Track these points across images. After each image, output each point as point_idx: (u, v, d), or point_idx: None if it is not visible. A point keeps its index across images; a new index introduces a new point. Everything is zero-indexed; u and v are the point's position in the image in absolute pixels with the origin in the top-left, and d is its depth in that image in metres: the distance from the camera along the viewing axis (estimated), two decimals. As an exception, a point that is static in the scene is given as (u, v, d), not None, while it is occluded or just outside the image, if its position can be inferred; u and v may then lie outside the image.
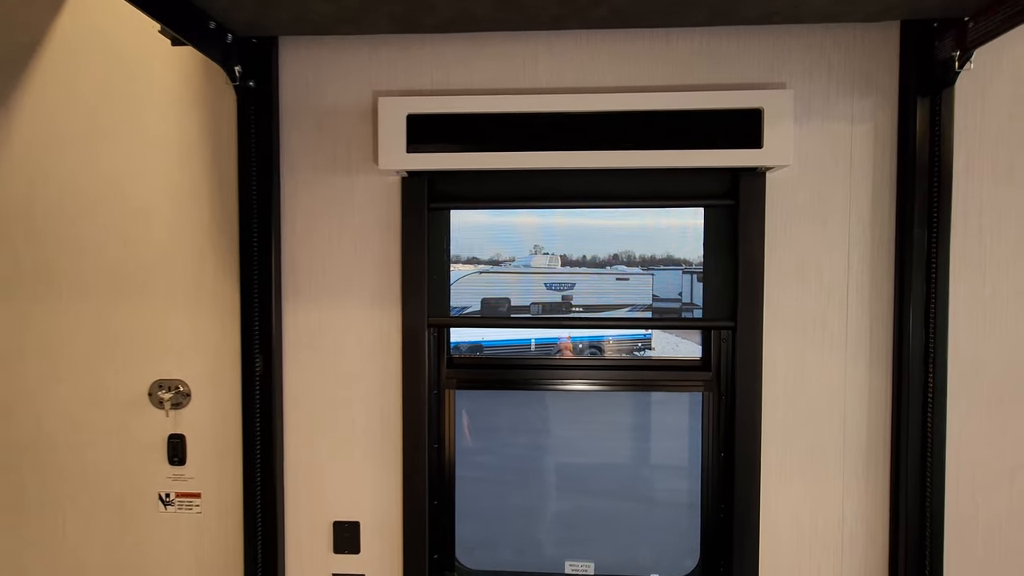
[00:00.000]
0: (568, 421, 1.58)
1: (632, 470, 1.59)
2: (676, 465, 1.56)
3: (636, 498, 1.57)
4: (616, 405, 1.59)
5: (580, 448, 1.59)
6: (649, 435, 1.59)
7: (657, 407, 1.59)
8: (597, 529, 1.54)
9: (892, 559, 1.33)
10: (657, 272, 1.48)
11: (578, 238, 1.53)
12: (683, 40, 1.32)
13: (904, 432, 1.31)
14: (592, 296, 1.53)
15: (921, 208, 1.28)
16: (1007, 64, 1.29)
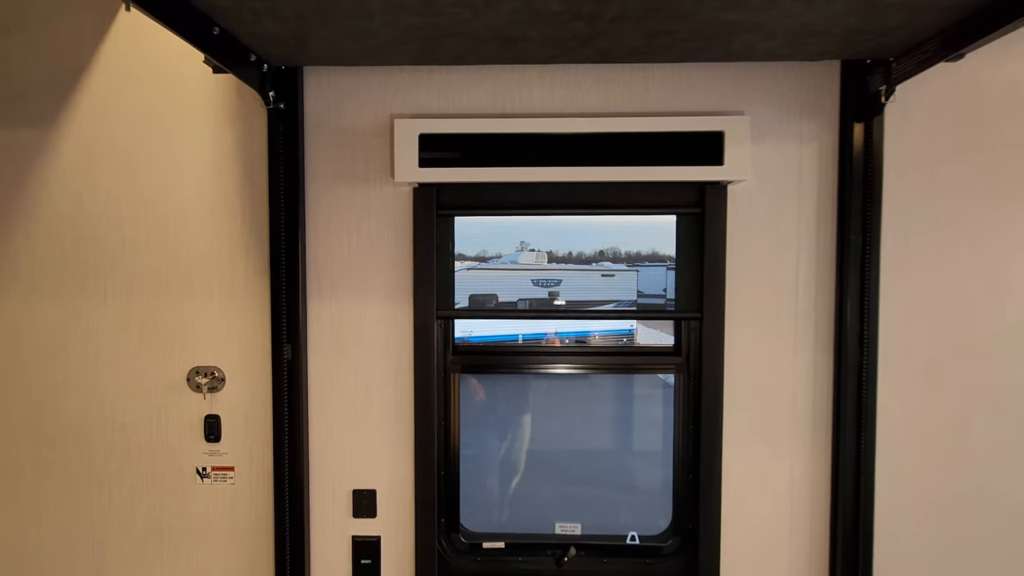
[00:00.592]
0: (560, 408, 1.80)
1: (615, 448, 1.82)
2: (653, 442, 1.78)
3: (618, 471, 1.80)
4: (601, 395, 1.82)
5: (570, 430, 1.81)
6: (630, 419, 1.81)
7: (638, 397, 1.81)
8: (584, 496, 1.76)
9: (833, 511, 1.57)
10: (642, 268, 1.69)
11: (564, 235, 1.74)
12: (657, 72, 1.54)
13: (843, 405, 1.55)
14: (578, 292, 1.74)
15: (857, 215, 1.52)
16: (928, 96, 1.52)
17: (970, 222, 1.54)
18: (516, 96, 1.56)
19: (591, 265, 1.75)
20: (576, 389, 1.81)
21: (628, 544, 1.69)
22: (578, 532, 1.72)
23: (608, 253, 1.70)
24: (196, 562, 1.66)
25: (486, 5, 1.09)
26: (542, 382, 1.78)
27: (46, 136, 1.62)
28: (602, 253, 1.71)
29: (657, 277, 1.70)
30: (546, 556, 1.68)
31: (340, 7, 1.12)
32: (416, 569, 1.63)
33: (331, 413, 1.64)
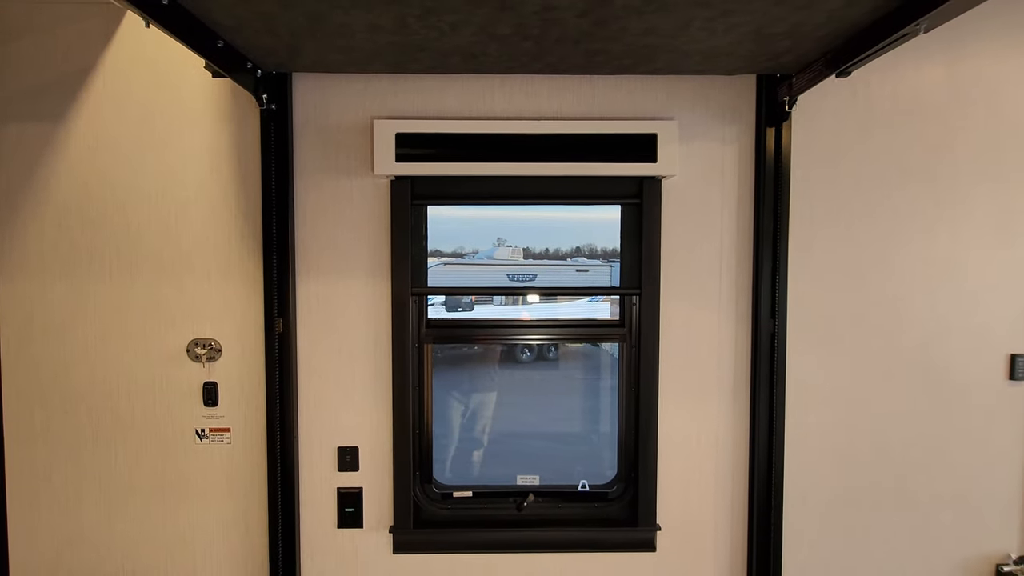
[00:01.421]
0: (520, 377, 2.05)
1: (569, 412, 2.07)
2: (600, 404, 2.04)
3: (572, 431, 2.05)
4: (556, 365, 2.07)
5: (531, 398, 2.05)
6: (581, 386, 2.07)
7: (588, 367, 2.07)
8: (542, 453, 2.01)
9: (751, 458, 1.85)
10: (613, 264, 1.94)
11: (536, 232, 1.99)
12: (602, 83, 1.79)
13: (758, 369, 1.83)
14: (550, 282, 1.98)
15: (770, 205, 1.79)
16: (829, 105, 1.81)
17: (862, 210, 1.83)
18: (481, 101, 1.80)
19: (565, 260, 2.01)
20: (535, 361, 2.06)
21: (580, 491, 1.95)
22: (537, 483, 1.97)
23: (584, 249, 1.97)
24: (195, 514, 1.86)
25: (451, 28, 1.32)
26: (505, 353, 2.02)
27: (55, 130, 1.80)
28: (579, 249, 1.97)
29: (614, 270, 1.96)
30: (509, 503, 1.92)
31: (327, 27, 1.34)
32: (394, 515, 1.86)
33: (317, 379, 1.85)
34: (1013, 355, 1.86)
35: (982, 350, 1.87)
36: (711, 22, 1.30)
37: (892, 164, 1.82)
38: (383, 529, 1.87)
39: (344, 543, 1.88)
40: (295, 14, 1.26)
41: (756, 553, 1.85)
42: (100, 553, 1.87)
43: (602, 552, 1.89)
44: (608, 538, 1.88)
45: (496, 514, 1.91)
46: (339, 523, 1.87)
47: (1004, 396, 1.87)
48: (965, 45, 1.81)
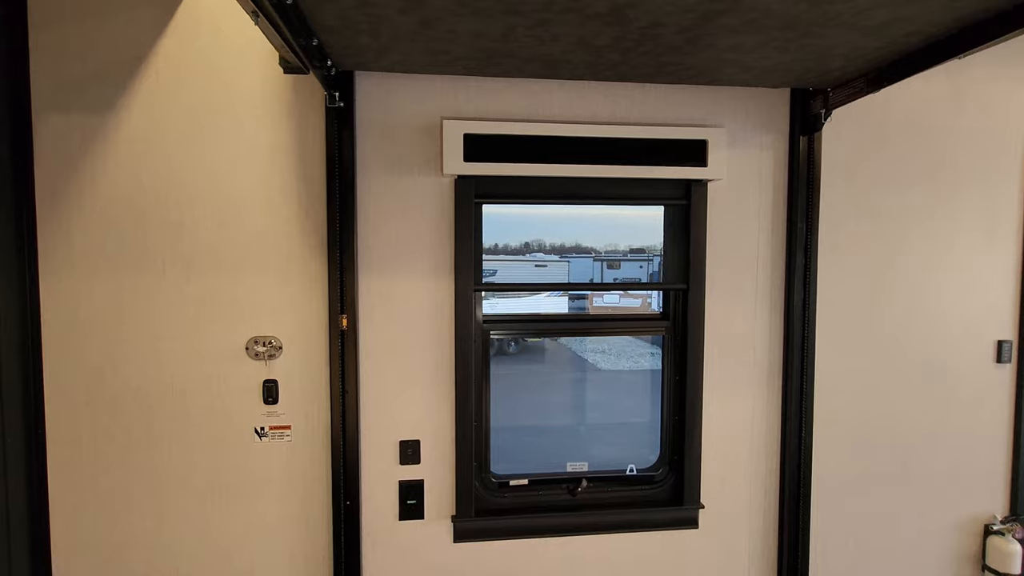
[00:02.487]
0: (570, 367, 2.14)
1: (616, 400, 2.18)
2: (644, 393, 2.17)
3: (618, 418, 2.17)
4: (602, 356, 2.17)
5: (580, 388, 2.15)
6: (625, 376, 2.19)
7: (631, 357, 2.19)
8: (591, 440, 2.12)
9: (783, 438, 2.03)
10: (632, 260, 2.07)
11: (573, 227, 2.09)
12: (652, 90, 1.90)
13: (791, 357, 2.00)
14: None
15: (802, 208, 1.97)
16: (851, 116, 2.00)
17: (876, 214, 2.03)
18: (540, 104, 1.87)
19: (590, 254, 2.11)
20: (583, 352, 2.16)
21: (628, 475, 2.07)
22: (586, 469, 2.07)
23: (623, 247, 2.10)
24: (254, 513, 1.85)
25: (552, 38, 1.39)
26: (556, 346, 2.10)
27: (103, 122, 1.73)
28: (614, 246, 2.09)
29: (635, 266, 2.09)
30: (562, 489, 2.02)
31: (433, 32, 1.38)
32: (456, 505, 1.91)
33: (379, 375, 1.88)
34: (999, 341, 2.12)
35: (974, 338, 2.12)
36: (788, 43, 1.44)
37: (901, 172, 2.03)
38: (444, 519, 1.93)
39: (405, 534, 1.91)
40: (410, 18, 1.29)
41: (787, 524, 2.03)
42: (152, 557, 1.82)
43: (649, 531, 2.02)
44: (656, 518, 2.01)
45: (551, 499, 2.00)
46: (401, 515, 1.90)
47: (992, 377, 2.13)
48: (965, 64, 2.04)
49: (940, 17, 1.28)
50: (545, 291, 2.02)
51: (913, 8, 1.22)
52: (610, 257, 2.29)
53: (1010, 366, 2.13)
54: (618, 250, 2.16)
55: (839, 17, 1.28)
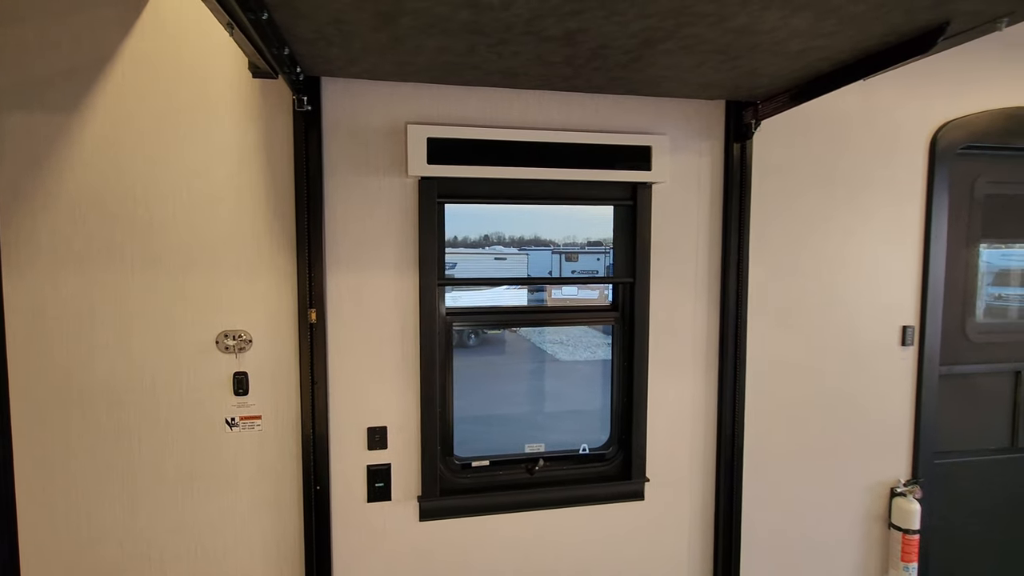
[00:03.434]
0: (527, 357, 2.29)
1: (572, 388, 2.35)
2: (594, 379, 2.34)
3: (572, 403, 2.34)
4: (556, 346, 2.33)
5: (538, 377, 2.31)
6: (577, 363, 2.36)
7: (585, 360, 2.36)
8: (547, 425, 2.28)
9: (719, 416, 2.25)
10: (589, 252, 2.23)
11: (530, 226, 2.24)
12: (604, 100, 2.06)
13: (726, 341, 2.22)
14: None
15: (735, 208, 2.18)
16: (779, 126, 2.22)
17: (804, 213, 2.27)
18: (498, 111, 2.00)
19: (549, 247, 2.26)
20: (542, 343, 2.31)
21: (581, 453, 2.24)
22: (543, 450, 2.24)
23: (578, 240, 2.26)
24: (227, 500, 1.92)
25: (512, 54, 1.52)
26: (515, 338, 2.25)
27: (68, 121, 1.75)
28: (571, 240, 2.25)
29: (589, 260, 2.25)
30: (521, 468, 2.17)
31: (402, 47, 1.48)
32: (422, 486, 2.04)
33: (348, 366, 1.98)
34: (904, 326, 2.41)
35: (882, 323, 2.40)
36: (721, 64, 1.62)
37: (821, 176, 2.28)
38: (410, 500, 2.05)
39: (374, 516, 2.03)
40: (381, 36, 1.40)
41: (722, 491, 2.26)
42: (125, 547, 1.87)
43: (601, 504, 2.20)
44: (607, 492, 2.20)
45: (511, 478, 2.16)
46: (369, 498, 2.02)
47: (897, 358, 2.42)
48: (876, 85, 2.29)
49: (846, 47, 1.49)
50: (505, 285, 2.16)
51: (822, 40, 1.42)
52: (568, 250, 2.44)
53: (913, 348, 2.43)
54: (576, 243, 2.31)
55: (761, 45, 1.46)
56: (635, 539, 2.24)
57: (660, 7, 1.19)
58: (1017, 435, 2.60)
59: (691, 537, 2.29)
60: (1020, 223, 2.55)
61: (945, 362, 2.50)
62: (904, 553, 2.37)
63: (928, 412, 2.44)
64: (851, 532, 2.43)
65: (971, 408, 2.56)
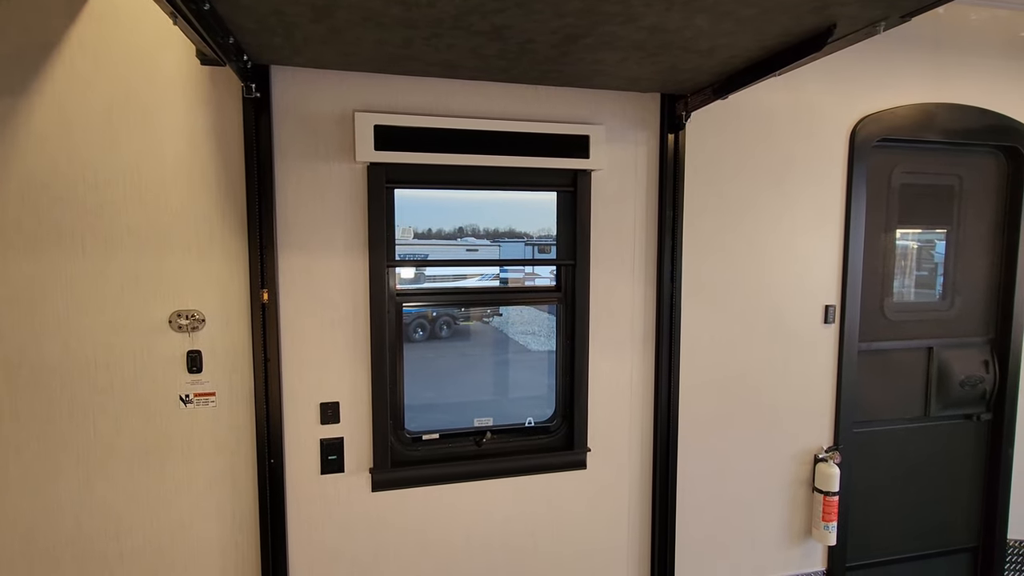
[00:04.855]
0: (475, 336, 2.41)
1: (525, 372, 2.48)
2: (539, 356, 2.47)
3: (524, 387, 2.47)
4: (503, 325, 2.46)
5: (484, 355, 2.43)
6: (524, 342, 2.48)
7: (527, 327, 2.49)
8: (494, 399, 2.40)
9: (656, 391, 2.41)
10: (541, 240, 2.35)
11: (506, 215, 2.35)
12: (544, 91, 2.18)
13: (661, 320, 2.37)
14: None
15: (670, 195, 2.33)
16: (711, 119, 2.37)
17: (735, 200, 2.44)
18: (444, 100, 2.10)
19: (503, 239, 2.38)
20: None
21: (527, 427, 2.38)
22: (491, 424, 2.36)
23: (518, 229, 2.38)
24: (181, 474, 1.99)
25: (447, 47, 1.63)
26: (486, 328, 2.36)
27: (14, 105, 1.78)
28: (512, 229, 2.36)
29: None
30: (469, 441, 2.30)
31: (342, 37, 1.57)
32: (374, 458, 2.15)
33: (300, 344, 2.06)
34: (827, 305, 2.60)
35: (807, 302, 2.59)
36: (643, 59, 1.75)
37: (750, 165, 2.44)
38: (363, 472, 2.15)
39: (327, 487, 2.13)
40: (320, 27, 1.48)
41: (658, 461, 2.43)
42: (79, 521, 1.93)
43: (546, 473, 2.34)
44: (551, 462, 2.34)
45: (460, 450, 2.28)
46: (322, 470, 2.11)
47: (821, 335, 2.62)
48: (802, 80, 2.47)
49: (751, 46, 1.64)
50: (454, 266, 2.27)
51: (726, 39, 1.56)
52: (541, 242, 2.55)
53: (834, 326, 2.63)
54: (551, 235, 2.42)
55: (674, 43, 1.60)
56: (578, 505, 2.39)
57: (573, 7, 1.30)
58: (929, 405, 2.84)
59: (631, 502, 2.45)
60: (931, 211, 2.77)
61: (864, 339, 2.71)
62: (825, 513, 2.58)
63: (848, 385, 2.65)
64: (779, 495, 2.63)
65: (888, 381, 2.78)
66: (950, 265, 2.82)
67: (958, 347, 2.84)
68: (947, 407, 2.85)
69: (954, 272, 2.82)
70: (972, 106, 2.63)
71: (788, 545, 2.67)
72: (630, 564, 2.48)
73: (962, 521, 2.93)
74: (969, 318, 2.84)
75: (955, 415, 2.88)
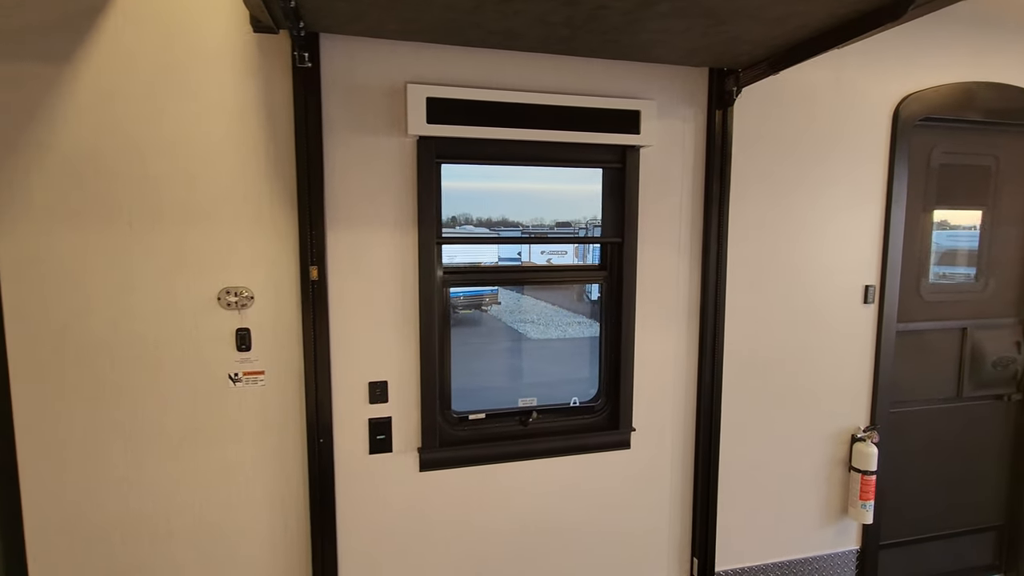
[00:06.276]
0: (520, 315, 2.38)
1: (559, 345, 2.46)
2: (583, 336, 2.45)
3: (562, 360, 2.44)
4: (547, 305, 2.43)
5: (529, 336, 2.40)
6: (568, 322, 2.46)
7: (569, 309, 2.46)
8: (538, 377, 2.38)
9: (700, 367, 2.40)
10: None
11: (537, 206, 2.32)
12: (597, 65, 2.14)
13: (705, 300, 2.36)
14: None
15: (716, 171, 2.30)
16: (756, 95, 2.34)
17: (777, 178, 2.41)
18: (496, 73, 2.05)
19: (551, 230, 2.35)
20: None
21: (572, 406, 2.36)
22: (535, 404, 2.34)
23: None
24: (231, 454, 1.96)
25: (515, 13, 1.58)
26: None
27: (59, 73, 1.72)
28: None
29: None
30: (514, 421, 2.28)
31: (410, 2, 1.52)
32: (422, 438, 2.12)
33: (349, 322, 2.03)
34: (866, 285, 2.60)
35: (846, 282, 2.58)
36: (708, 29, 1.72)
37: (793, 142, 2.42)
38: (410, 451, 2.13)
39: (375, 467, 2.10)
40: (391, -12, 1.43)
41: (701, 441, 2.42)
42: (128, 501, 1.90)
43: (590, 453, 2.33)
44: (596, 441, 2.33)
45: (506, 430, 2.26)
46: (371, 450, 2.09)
47: (860, 315, 2.61)
48: (844, 57, 2.44)
49: (822, 14, 1.60)
50: (500, 244, 2.23)
51: (801, 6, 1.53)
52: (561, 233, 2.51)
53: (873, 306, 2.62)
54: (581, 224, 2.39)
55: (745, 9, 1.56)
56: (622, 485, 2.38)
57: None
58: (962, 386, 2.85)
59: (672, 481, 2.45)
60: (969, 191, 2.76)
61: (901, 319, 2.71)
62: (863, 492, 2.59)
63: (886, 365, 2.65)
64: (815, 475, 2.64)
65: (922, 362, 2.78)
66: (985, 246, 2.82)
67: (991, 328, 2.85)
68: (979, 387, 2.87)
69: (989, 253, 2.82)
70: (1013, 85, 2.62)
71: (823, 524, 2.68)
72: (671, 544, 2.48)
73: (991, 500, 2.96)
74: (1003, 299, 2.85)
75: (986, 395, 2.89)
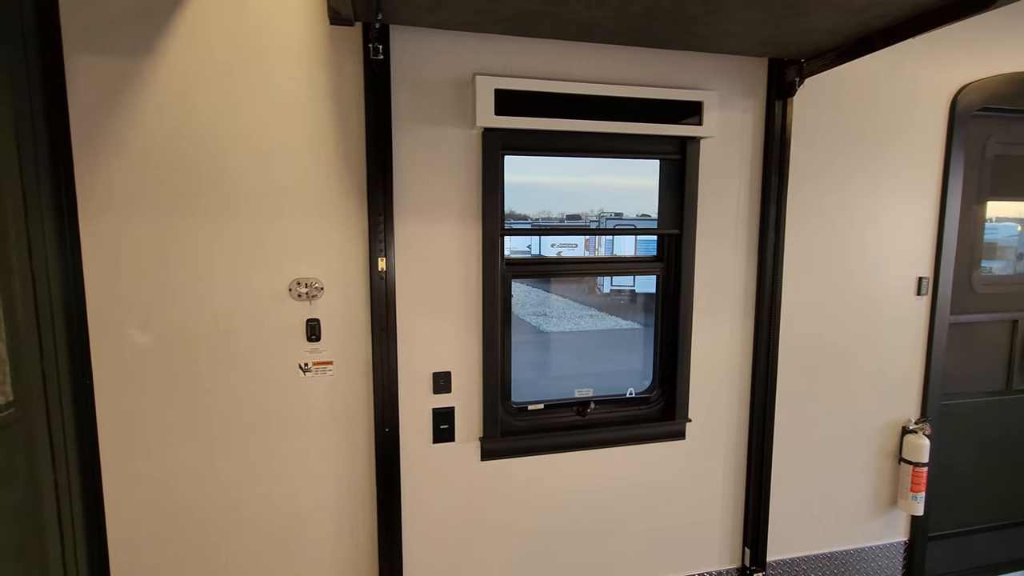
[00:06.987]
0: (578, 307, 2.39)
1: (615, 336, 2.46)
2: (637, 329, 2.46)
3: (619, 350, 2.45)
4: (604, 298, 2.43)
5: (584, 326, 2.41)
6: (623, 316, 2.46)
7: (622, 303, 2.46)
8: (595, 369, 2.39)
9: (755, 356, 2.40)
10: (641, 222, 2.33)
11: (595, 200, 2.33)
12: (662, 55, 2.13)
13: (762, 291, 2.35)
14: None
15: (775, 163, 2.29)
16: (812, 84, 2.33)
17: (833, 169, 2.40)
18: (563, 64, 2.05)
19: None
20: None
21: (628, 397, 2.37)
22: (591, 394, 2.36)
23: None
24: (300, 442, 1.99)
25: (598, 4, 1.58)
26: (567, 287, 2.34)
27: (139, 65, 1.74)
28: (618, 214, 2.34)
29: None
30: (572, 411, 2.29)
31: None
32: (484, 428, 2.14)
33: (414, 313, 2.04)
34: (920, 277, 2.59)
35: (900, 274, 2.57)
36: (785, 19, 1.71)
37: (849, 134, 2.40)
38: (472, 441, 2.15)
39: (439, 455, 2.13)
40: (480, -21, 1.43)
41: (754, 433, 2.43)
42: (201, 489, 1.93)
43: (646, 444, 2.35)
44: (651, 432, 2.34)
45: (564, 420, 2.27)
46: (434, 439, 2.11)
47: (912, 307, 2.60)
48: (902, 46, 2.41)
49: (907, 4, 1.59)
50: (562, 234, 2.24)
51: (890, -6, 1.52)
52: (610, 226, 2.51)
53: (926, 298, 2.61)
54: (638, 217, 2.39)
55: None
56: (676, 476, 2.40)
57: None
58: (1012, 378, 2.84)
59: (725, 472, 2.46)
60: (1020, 182, 2.74)
61: (953, 311, 2.70)
62: (914, 484, 2.59)
63: (938, 357, 2.64)
64: (866, 466, 2.64)
65: (973, 354, 2.77)
66: (1037, 237, 2.79)
67: (1042, 320, 2.83)
68: (1028, 380, 2.85)
69: (1041, 245, 2.79)
70: (1072, 74, 2.58)
71: (872, 515, 2.69)
72: (723, 535, 2.50)
73: (1039, 492, 2.96)
74: (1054, 291, 2.83)
75: (1035, 388, 2.88)
